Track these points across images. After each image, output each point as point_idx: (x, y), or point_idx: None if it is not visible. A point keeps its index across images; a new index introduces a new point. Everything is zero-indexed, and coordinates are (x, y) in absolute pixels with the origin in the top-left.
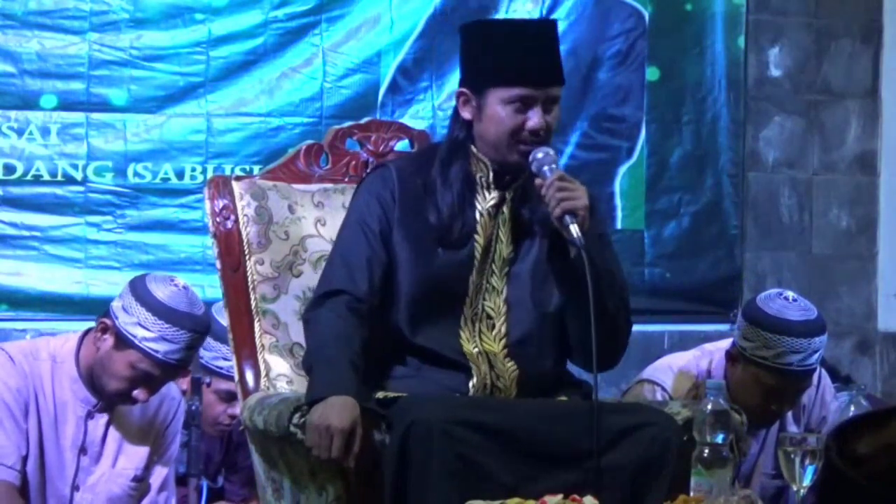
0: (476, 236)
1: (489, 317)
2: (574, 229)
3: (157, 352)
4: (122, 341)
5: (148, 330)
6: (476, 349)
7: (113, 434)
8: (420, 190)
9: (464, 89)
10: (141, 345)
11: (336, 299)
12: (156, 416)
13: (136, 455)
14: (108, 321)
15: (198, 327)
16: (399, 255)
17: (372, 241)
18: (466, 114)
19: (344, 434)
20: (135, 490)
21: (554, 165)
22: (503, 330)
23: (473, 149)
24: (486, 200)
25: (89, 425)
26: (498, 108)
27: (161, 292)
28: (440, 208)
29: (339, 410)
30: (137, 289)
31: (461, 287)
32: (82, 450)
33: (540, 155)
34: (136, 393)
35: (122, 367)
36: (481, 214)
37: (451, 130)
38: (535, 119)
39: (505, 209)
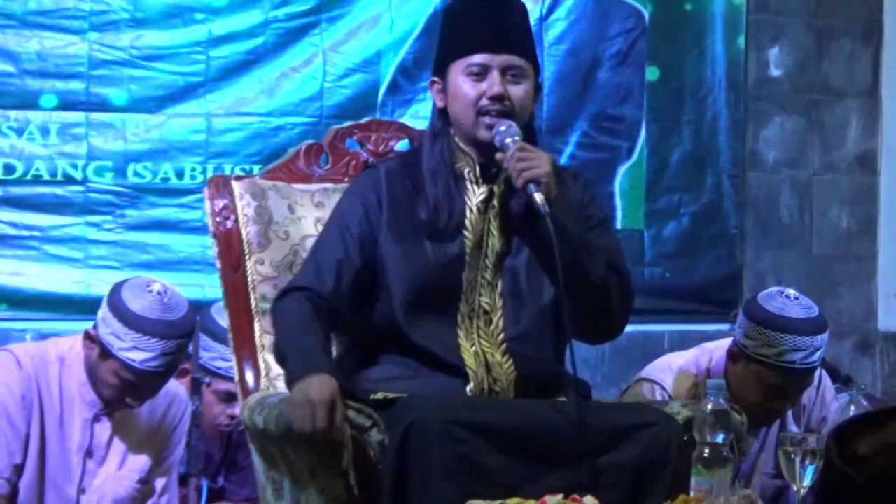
0: (465, 231)
1: (486, 312)
2: (538, 197)
3: (133, 361)
4: (104, 351)
5: (122, 340)
6: (474, 348)
7: (119, 436)
8: (409, 188)
9: (434, 77)
10: (118, 354)
11: (299, 293)
12: (163, 418)
13: (142, 457)
14: (92, 331)
15: (172, 333)
16: (389, 256)
17: (348, 245)
18: (440, 102)
19: (325, 404)
20: (139, 492)
21: (517, 137)
22: (501, 325)
23: (456, 139)
24: (476, 195)
25: (95, 428)
26: (459, 82)
27: (133, 301)
28: (429, 203)
29: (317, 385)
30: (112, 298)
31: (454, 284)
32: (88, 453)
33: (503, 128)
34: (127, 399)
35: (108, 376)
36: (471, 210)
37: (430, 124)
38: (493, 86)
39: (495, 202)
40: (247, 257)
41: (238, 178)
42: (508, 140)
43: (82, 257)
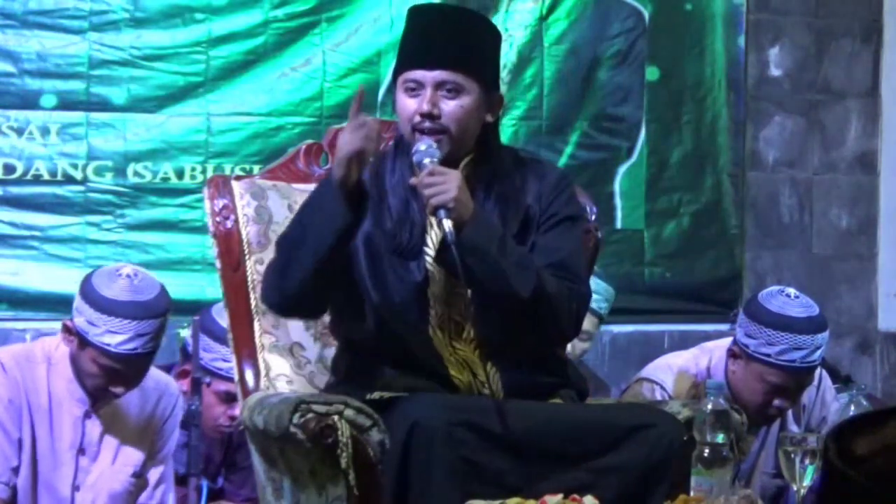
0: (426, 248)
1: (457, 323)
2: (446, 224)
3: (108, 345)
4: (82, 340)
5: (95, 326)
6: (452, 357)
7: (111, 432)
8: (376, 198)
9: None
10: (94, 340)
11: None
12: (154, 412)
13: (135, 451)
14: (69, 322)
15: (145, 314)
16: (361, 267)
17: None
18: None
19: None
20: (134, 486)
21: (434, 159)
22: (472, 333)
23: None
24: None
25: (87, 425)
26: (399, 97)
27: (104, 287)
28: (391, 215)
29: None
30: (83, 286)
31: (420, 299)
32: (80, 450)
33: (422, 147)
34: (111, 388)
35: (89, 365)
36: (431, 225)
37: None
38: (421, 103)
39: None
40: (247, 257)
41: (238, 177)
42: (427, 161)
43: (82, 257)
